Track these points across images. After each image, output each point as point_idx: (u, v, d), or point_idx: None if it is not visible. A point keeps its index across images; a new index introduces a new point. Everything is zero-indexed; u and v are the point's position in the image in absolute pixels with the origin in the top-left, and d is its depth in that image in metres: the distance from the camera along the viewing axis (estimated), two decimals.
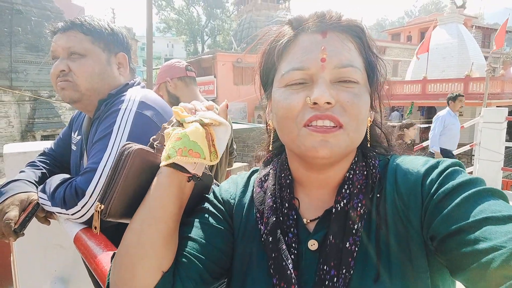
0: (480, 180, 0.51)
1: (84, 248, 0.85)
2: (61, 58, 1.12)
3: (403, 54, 26.03)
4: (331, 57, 0.55)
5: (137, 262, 0.56)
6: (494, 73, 18.84)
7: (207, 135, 0.61)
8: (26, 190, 1.09)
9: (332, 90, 0.54)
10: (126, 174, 0.61)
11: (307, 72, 0.56)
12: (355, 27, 0.59)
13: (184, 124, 0.62)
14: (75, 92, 1.13)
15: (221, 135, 0.64)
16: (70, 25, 1.12)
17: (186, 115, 0.63)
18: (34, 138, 13.50)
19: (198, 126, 0.61)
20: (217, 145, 0.63)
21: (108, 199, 0.61)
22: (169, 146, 0.59)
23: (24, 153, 1.61)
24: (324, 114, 0.53)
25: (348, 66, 0.55)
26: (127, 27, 35.23)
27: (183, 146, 0.58)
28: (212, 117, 0.63)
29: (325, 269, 0.53)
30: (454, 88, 16.19)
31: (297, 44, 0.58)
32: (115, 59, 1.20)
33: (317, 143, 0.54)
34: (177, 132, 0.60)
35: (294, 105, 0.56)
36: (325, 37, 0.57)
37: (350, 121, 0.54)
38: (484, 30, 28.57)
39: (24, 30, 13.39)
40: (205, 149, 0.60)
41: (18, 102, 13.45)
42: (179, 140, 0.58)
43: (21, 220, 0.99)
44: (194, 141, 0.59)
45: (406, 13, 70.27)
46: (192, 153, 0.58)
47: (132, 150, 0.63)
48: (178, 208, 0.61)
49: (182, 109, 0.64)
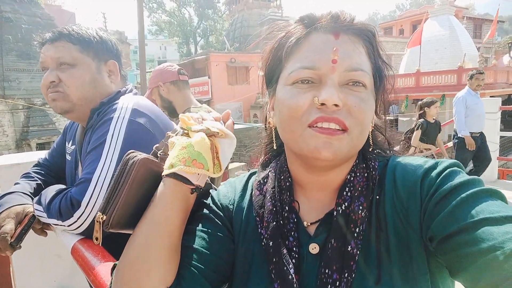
0: (478, 181, 0.51)
1: (82, 260, 0.85)
2: (50, 69, 1.11)
3: (395, 48, 26.12)
4: (342, 59, 0.54)
5: (142, 278, 0.55)
6: (486, 64, 18.95)
7: (211, 147, 0.60)
8: (21, 203, 1.08)
9: (340, 93, 0.53)
10: (131, 184, 0.60)
11: (317, 72, 0.55)
12: (367, 32, 0.58)
13: (189, 133, 0.61)
14: (67, 103, 1.12)
15: (226, 148, 0.63)
16: (58, 35, 1.11)
17: (193, 123, 0.62)
18: (29, 146, 13.42)
19: (204, 136, 0.59)
20: (221, 157, 0.62)
21: (111, 209, 0.59)
22: (173, 155, 0.58)
23: (18, 164, 1.60)
24: (331, 117, 0.53)
25: (358, 69, 0.55)
26: (118, 31, 35.08)
27: (188, 156, 0.57)
28: (219, 127, 0.61)
29: (327, 272, 0.53)
30: (447, 79, 16.27)
31: (309, 43, 0.57)
32: (105, 67, 1.18)
33: (320, 145, 0.53)
34: (182, 141, 0.59)
35: (301, 105, 0.54)
36: (337, 39, 0.56)
37: (355, 126, 0.54)
38: (475, 20, 28.72)
39: (14, 38, 13.29)
40: (209, 160, 0.59)
41: (11, 111, 13.36)
42: (183, 150, 0.57)
43: (17, 234, 0.98)
44: (199, 151, 0.58)
45: (397, 7, 70.49)
46: (196, 163, 0.57)
47: (138, 160, 0.61)
48: (182, 221, 0.60)
49: (189, 117, 0.63)
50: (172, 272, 0.58)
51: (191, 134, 0.60)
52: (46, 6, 18.16)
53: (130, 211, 0.61)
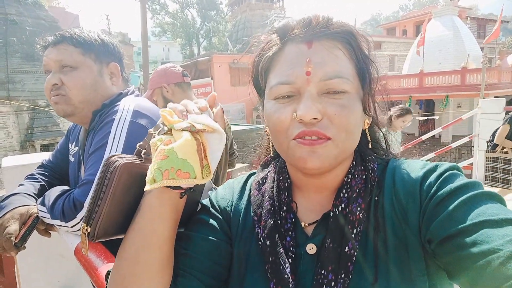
0: (477, 184, 0.51)
1: (85, 260, 0.85)
2: (53, 71, 1.12)
3: (399, 48, 26.03)
4: (316, 69, 0.54)
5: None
6: (490, 64, 18.84)
7: (198, 147, 0.54)
8: (25, 204, 1.09)
9: (318, 104, 0.53)
10: (113, 192, 0.55)
11: (294, 86, 0.55)
12: (344, 33, 0.56)
13: (173, 131, 0.55)
14: (69, 106, 1.13)
15: (215, 145, 0.57)
16: (60, 39, 1.12)
17: (176, 120, 0.55)
18: (33, 148, 13.50)
19: (189, 136, 0.53)
20: (209, 157, 0.55)
21: (95, 220, 0.55)
22: (154, 166, 0.51)
23: (23, 165, 1.61)
24: (311, 130, 0.53)
25: (334, 77, 0.54)
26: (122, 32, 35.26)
27: (170, 167, 0.50)
28: (205, 122, 0.55)
29: (323, 273, 0.53)
30: (451, 80, 16.19)
31: (283, 56, 0.57)
32: (107, 70, 1.20)
33: (305, 154, 0.54)
34: (163, 147, 0.52)
35: (283, 120, 0.55)
36: (310, 48, 0.55)
37: (338, 133, 0.54)
38: (479, 21, 28.57)
39: (19, 40, 13.39)
40: (196, 166, 0.53)
41: (16, 112, 13.45)
42: (165, 159, 0.51)
43: (21, 234, 1.00)
44: (183, 158, 0.51)
45: (400, 7, 70.30)
46: (180, 174, 0.51)
47: (119, 165, 0.56)
48: (173, 230, 0.58)
49: (171, 112, 0.56)
50: (165, 282, 0.57)
51: (175, 133, 0.54)
52: (50, 8, 18.29)
53: (116, 219, 0.57)
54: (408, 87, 17.53)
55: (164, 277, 0.57)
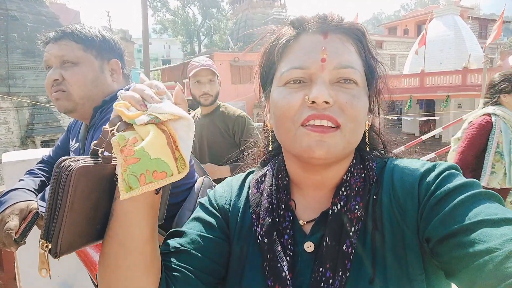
0: (476, 183, 0.51)
1: (85, 256, 0.86)
2: (54, 67, 1.12)
3: (400, 48, 26.00)
4: (331, 57, 0.55)
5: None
6: (491, 64, 18.82)
7: (168, 139, 0.48)
8: (25, 199, 1.09)
9: (331, 91, 0.54)
10: (72, 202, 0.48)
11: (307, 72, 0.56)
12: (356, 30, 0.59)
13: (135, 127, 0.48)
14: (69, 102, 1.13)
15: (184, 133, 0.51)
16: (61, 34, 1.12)
17: (136, 114, 0.48)
18: (34, 144, 13.51)
19: (156, 131, 0.48)
20: (181, 148, 0.50)
21: (55, 234, 0.48)
22: (126, 171, 0.45)
23: (23, 161, 1.61)
24: (322, 114, 0.53)
25: (348, 67, 0.55)
26: (123, 29, 35.22)
27: (145, 170, 0.46)
28: (168, 111, 0.49)
29: (321, 271, 0.53)
30: (452, 80, 16.18)
31: (298, 44, 0.58)
32: (108, 66, 1.20)
33: (313, 143, 0.53)
34: (130, 149, 0.46)
35: (293, 104, 0.55)
36: (326, 38, 0.57)
37: (347, 122, 0.54)
38: (481, 21, 28.52)
39: (20, 36, 13.38)
40: (170, 162, 0.48)
41: (16, 108, 13.45)
42: (137, 162, 0.45)
43: (21, 230, 1.00)
44: (156, 158, 0.46)
45: (402, 7, 70.10)
46: (157, 175, 0.46)
47: (73, 170, 0.48)
48: (152, 230, 0.56)
49: (127, 104, 0.49)
50: (153, 282, 0.55)
51: (138, 129, 0.48)
52: (51, 4, 18.26)
53: (81, 228, 0.51)
54: (409, 87, 17.51)
55: (151, 277, 0.55)
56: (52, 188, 0.49)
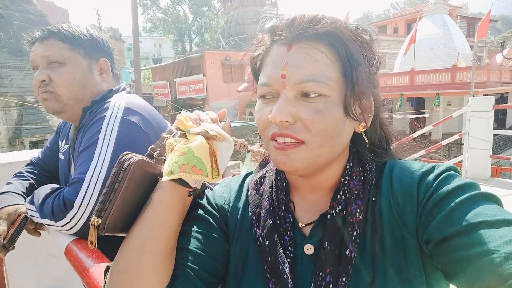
0: (475, 185, 0.51)
1: (76, 260, 0.84)
2: (41, 68, 1.09)
3: (390, 46, 26.22)
4: (291, 73, 0.53)
5: (137, 282, 0.55)
6: (480, 62, 19.11)
7: (210, 151, 0.59)
8: (13, 203, 1.06)
9: (292, 107, 0.53)
10: (127, 186, 0.58)
11: (272, 88, 0.56)
12: (327, 34, 0.53)
13: (188, 135, 0.60)
14: (57, 103, 1.11)
15: (224, 152, 0.63)
16: (47, 34, 1.09)
17: (191, 125, 0.61)
18: (22, 145, 13.27)
19: (203, 140, 0.59)
20: (219, 161, 0.61)
21: (107, 213, 0.58)
22: (173, 160, 0.56)
23: (11, 163, 1.58)
24: (283, 132, 0.54)
25: (309, 81, 0.52)
26: (112, 28, 34.80)
27: (187, 162, 0.56)
28: (217, 131, 0.61)
29: (321, 275, 0.53)
30: (441, 78, 16.39)
31: (270, 57, 0.58)
32: (96, 65, 1.17)
33: (279, 158, 0.55)
34: (181, 145, 0.58)
35: (263, 119, 0.57)
36: (290, 50, 0.54)
37: (311, 137, 0.53)
38: (469, 19, 28.91)
39: (6, 35, 13.11)
40: (208, 166, 0.58)
41: (4, 109, 13.19)
42: (183, 155, 0.56)
43: (10, 235, 0.97)
44: (198, 157, 0.57)
45: (392, 5, 70.81)
46: (195, 170, 0.57)
47: (133, 161, 0.60)
48: (179, 224, 0.61)
49: (186, 118, 0.62)
50: (167, 275, 0.57)
51: (189, 137, 0.59)
52: (39, 2, 17.93)
53: (125, 214, 0.60)
54: (399, 85, 17.68)
55: (167, 268, 0.58)
56: (114, 174, 0.60)
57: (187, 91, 22.03)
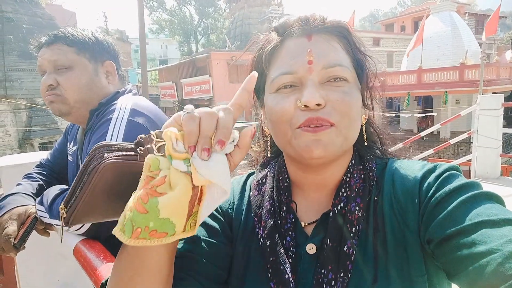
0: (476, 184, 0.51)
1: (84, 260, 0.85)
2: (48, 72, 1.12)
3: (397, 45, 26.01)
4: (318, 58, 0.56)
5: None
6: (488, 60, 18.87)
7: (193, 197, 0.43)
8: (23, 204, 1.08)
9: (322, 91, 0.55)
10: (92, 189, 0.52)
11: (296, 76, 0.56)
12: (339, 28, 0.59)
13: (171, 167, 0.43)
14: (64, 105, 1.13)
15: (213, 200, 0.45)
16: (53, 38, 1.12)
17: (177, 155, 0.42)
18: (32, 146, 13.47)
19: (184, 187, 0.42)
20: (201, 212, 0.45)
21: (72, 208, 0.56)
22: (130, 213, 0.41)
23: (20, 165, 1.60)
24: (316, 117, 0.54)
25: (335, 65, 0.56)
26: (119, 30, 35.08)
27: (144, 226, 0.40)
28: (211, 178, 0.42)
29: (323, 272, 0.53)
30: (449, 76, 16.20)
31: (284, 49, 0.59)
32: (102, 68, 1.19)
33: (310, 142, 0.54)
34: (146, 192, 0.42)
35: (287, 109, 0.56)
36: (310, 40, 0.57)
37: (341, 119, 0.54)
38: (477, 16, 28.54)
39: (16, 38, 13.31)
40: (180, 222, 0.43)
41: (14, 111, 13.40)
42: (143, 214, 0.40)
43: (20, 235, 0.99)
44: (164, 218, 0.41)
45: (398, 3, 70.15)
46: (155, 234, 0.41)
47: (101, 164, 0.51)
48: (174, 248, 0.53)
49: (177, 136, 0.43)
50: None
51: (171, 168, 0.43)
52: (47, 6, 18.20)
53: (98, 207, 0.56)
54: (406, 84, 17.52)
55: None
56: (81, 170, 0.54)
57: (193, 91, 22.11)
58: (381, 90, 0.66)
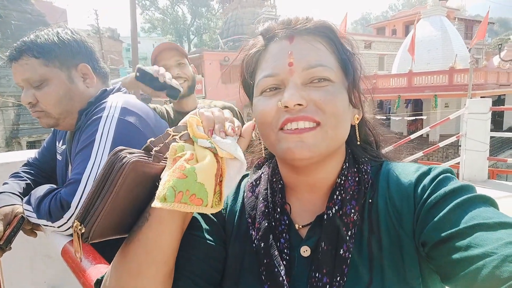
0: (471, 187, 0.52)
1: (72, 261, 0.83)
2: (25, 89, 1.08)
3: (388, 48, 26.29)
4: (298, 60, 0.56)
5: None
6: (477, 64, 19.20)
7: (217, 171, 0.51)
8: (10, 203, 1.06)
9: (303, 92, 0.55)
10: (117, 192, 0.50)
11: (278, 78, 0.57)
12: (323, 28, 0.59)
13: (195, 145, 0.52)
14: (50, 119, 1.11)
15: (234, 174, 0.56)
16: (19, 53, 1.05)
17: (201, 135, 0.52)
18: (19, 145, 13.21)
19: (212, 158, 0.50)
20: (224, 185, 0.53)
21: (92, 220, 0.49)
22: (169, 182, 0.46)
23: (7, 163, 1.57)
24: (297, 116, 0.54)
25: (317, 66, 0.56)
26: (111, 28, 34.72)
27: (185, 189, 0.46)
28: (228, 151, 0.52)
29: (317, 276, 0.53)
30: (439, 80, 16.44)
31: (268, 53, 0.60)
32: (77, 73, 1.12)
33: (292, 145, 0.54)
34: (183, 164, 0.47)
35: (268, 110, 0.57)
36: (292, 42, 0.58)
37: (327, 118, 0.54)
38: (467, 21, 29.08)
39: (4, 34, 13.06)
40: (210, 193, 0.49)
41: (1, 109, 13.13)
42: (182, 179, 0.46)
43: (6, 235, 0.97)
44: (201, 183, 0.48)
45: (390, 7, 71.04)
46: (194, 199, 0.47)
47: (127, 163, 0.50)
48: (178, 242, 0.57)
49: (198, 121, 0.53)
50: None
51: (197, 148, 0.51)
52: (37, 2, 17.86)
53: (115, 219, 0.52)
54: (397, 87, 17.73)
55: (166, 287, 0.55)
56: (102, 175, 0.51)
57: None
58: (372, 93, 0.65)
